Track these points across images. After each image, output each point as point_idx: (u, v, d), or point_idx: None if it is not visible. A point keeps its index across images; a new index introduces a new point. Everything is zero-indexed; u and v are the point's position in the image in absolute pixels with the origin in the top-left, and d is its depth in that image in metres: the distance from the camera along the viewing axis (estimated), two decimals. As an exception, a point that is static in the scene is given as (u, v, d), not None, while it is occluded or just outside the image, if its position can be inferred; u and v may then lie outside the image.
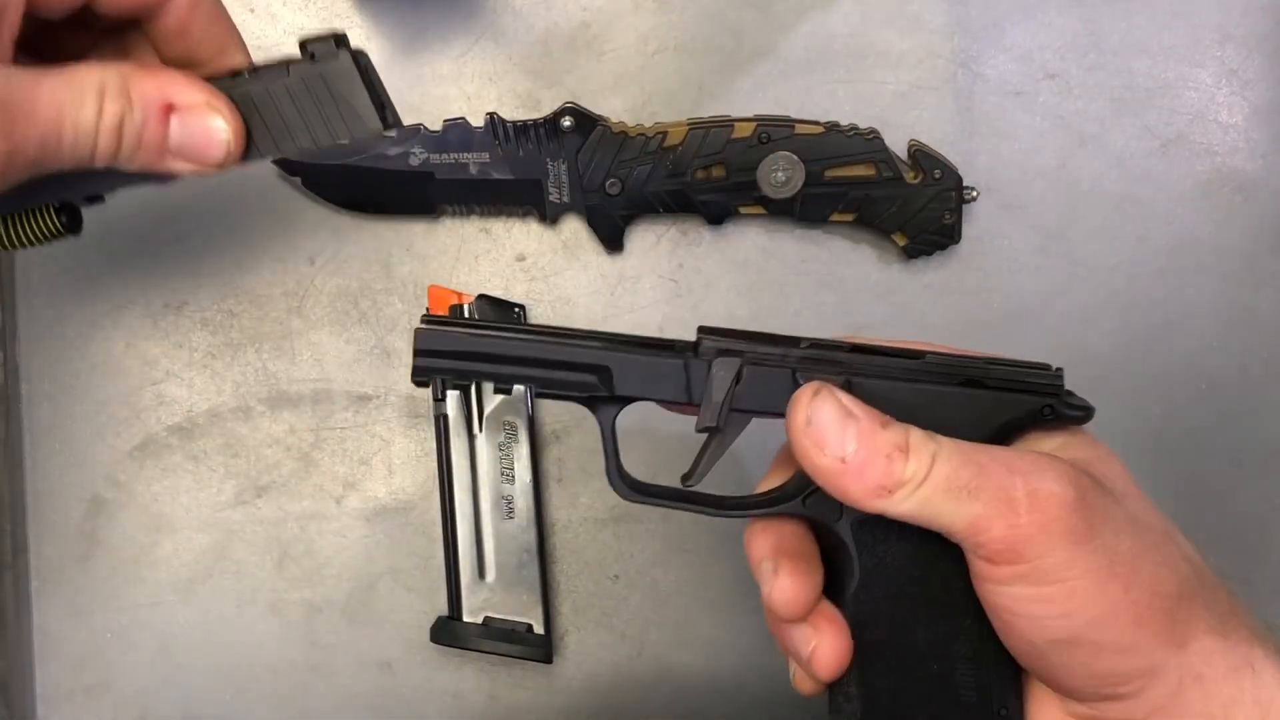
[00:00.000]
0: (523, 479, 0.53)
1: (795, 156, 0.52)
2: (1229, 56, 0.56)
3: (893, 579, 0.39)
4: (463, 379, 0.47)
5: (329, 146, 0.39)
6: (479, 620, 0.53)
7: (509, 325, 0.41)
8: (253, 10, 0.54)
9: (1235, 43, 0.56)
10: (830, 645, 0.39)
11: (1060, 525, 0.34)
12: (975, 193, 0.53)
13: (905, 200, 0.53)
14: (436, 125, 0.53)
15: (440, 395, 0.53)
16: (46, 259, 0.53)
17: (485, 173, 0.53)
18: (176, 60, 0.40)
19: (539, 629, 0.53)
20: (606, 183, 0.53)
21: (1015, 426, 0.39)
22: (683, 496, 0.40)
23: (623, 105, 0.54)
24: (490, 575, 0.53)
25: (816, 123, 0.53)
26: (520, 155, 0.53)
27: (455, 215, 0.54)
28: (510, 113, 0.54)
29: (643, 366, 0.39)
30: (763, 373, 0.38)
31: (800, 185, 0.52)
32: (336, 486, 0.55)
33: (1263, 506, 0.57)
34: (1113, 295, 0.56)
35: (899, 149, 0.53)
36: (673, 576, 0.55)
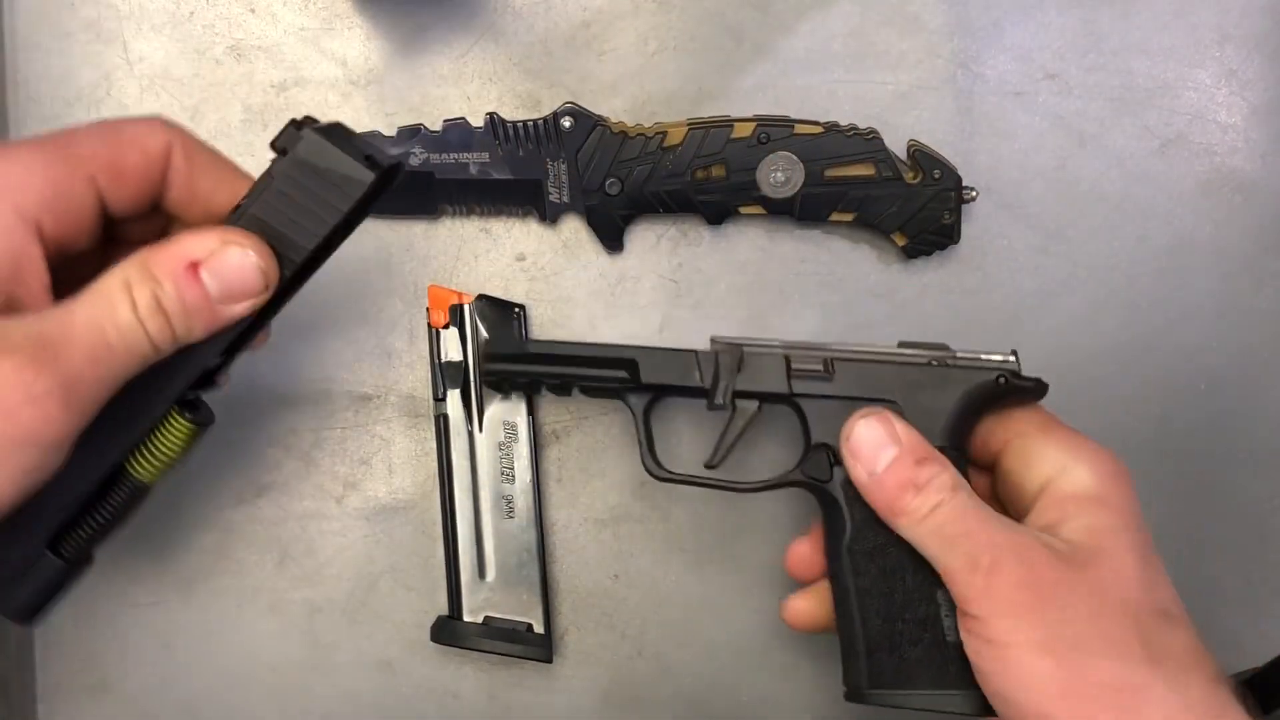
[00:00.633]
0: (523, 479, 0.53)
1: (795, 156, 0.52)
2: (1228, 57, 0.56)
3: (880, 531, 0.45)
4: (522, 378, 0.50)
5: (341, 219, 0.40)
6: (479, 620, 0.53)
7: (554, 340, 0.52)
8: (253, 10, 0.54)
9: (1235, 43, 0.56)
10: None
11: (1006, 597, 0.40)
12: (975, 193, 0.54)
13: (905, 200, 0.53)
14: (436, 125, 0.53)
15: (440, 395, 0.53)
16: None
17: (485, 173, 0.53)
18: (203, 219, 0.41)
19: (539, 629, 0.53)
20: (606, 183, 0.53)
21: (978, 396, 0.46)
22: (704, 479, 0.49)
23: (623, 105, 0.55)
24: (490, 575, 0.53)
25: (816, 123, 0.53)
26: (520, 155, 0.53)
27: (455, 215, 0.55)
28: (510, 113, 0.54)
29: (662, 358, 0.48)
30: (760, 359, 0.47)
31: (800, 185, 0.52)
32: (337, 486, 0.55)
33: (1263, 506, 0.57)
34: (1113, 295, 0.56)
35: (898, 149, 0.53)
36: (673, 576, 0.55)
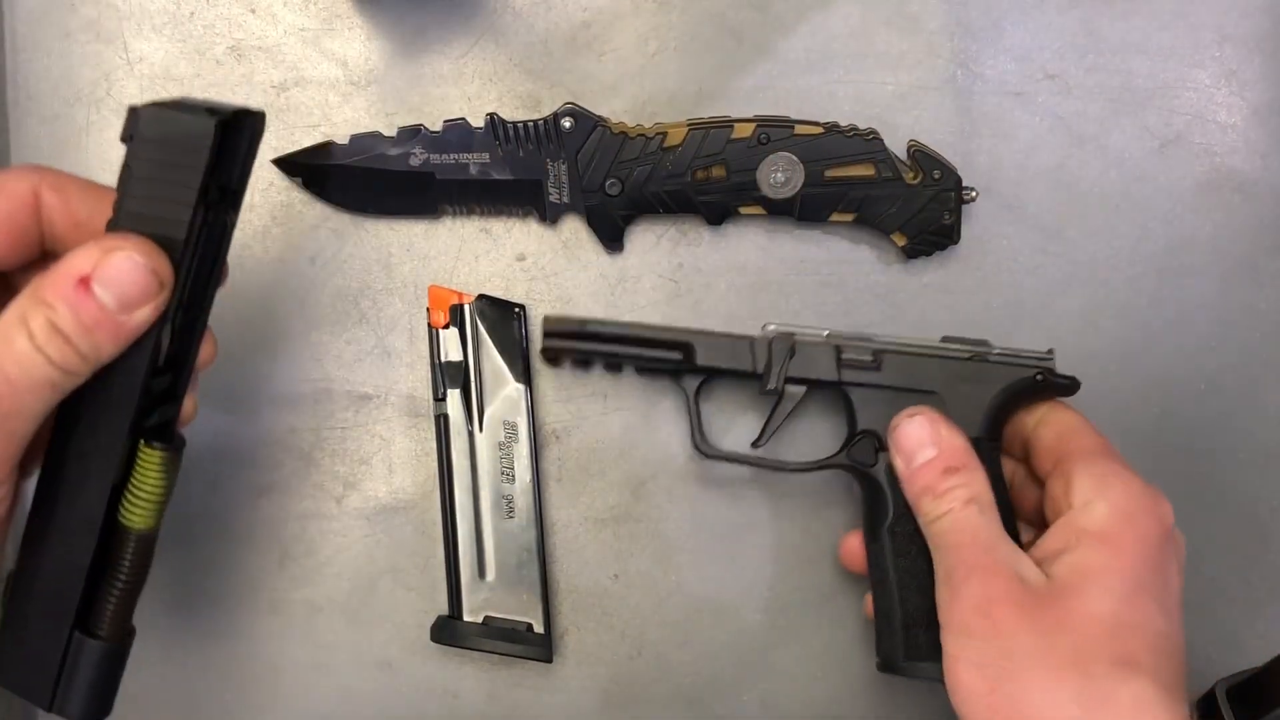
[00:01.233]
0: (523, 478, 0.53)
1: (795, 157, 0.52)
2: (1228, 57, 0.56)
3: None
4: (581, 356, 0.52)
5: (202, 178, 0.38)
6: (479, 619, 0.53)
7: (610, 320, 0.52)
8: (253, 10, 0.54)
9: (1234, 43, 0.56)
10: None
11: (962, 613, 0.44)
12: (974, 193, 0.54)
13: (905, 200, 0.53)
14: (437, 125, 0.53)
15: (441, 395, 0.53)
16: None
17: (485, 173, 0.53)
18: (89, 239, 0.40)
19: (539, 628, 0.53)
20: (606, 183, 0.53)
21: (1016, 391, 0.50)
22: (753, 457, 0.52)
23: (623, 105, 0.55)
24: (490, 574, 0.53)
25: (816, 123, 0.53)
26: (520, 155, 0.53)
27: (455, 215, 0.55)
28: (510, 113, 0.54)
29: (718, 343, 0.51)
30: (811, 348, 0.50)
31: (800, 185, 0.52)
32: (337, 486, 0.55)
33: (1262, 506, 0.57)
34: (1112, 295, 0.56)
35: (898, 149, 0.53)
36: (673, 576, 0.55)
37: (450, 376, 0.53)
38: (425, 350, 0.54)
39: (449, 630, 0.53)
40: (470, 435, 0.53)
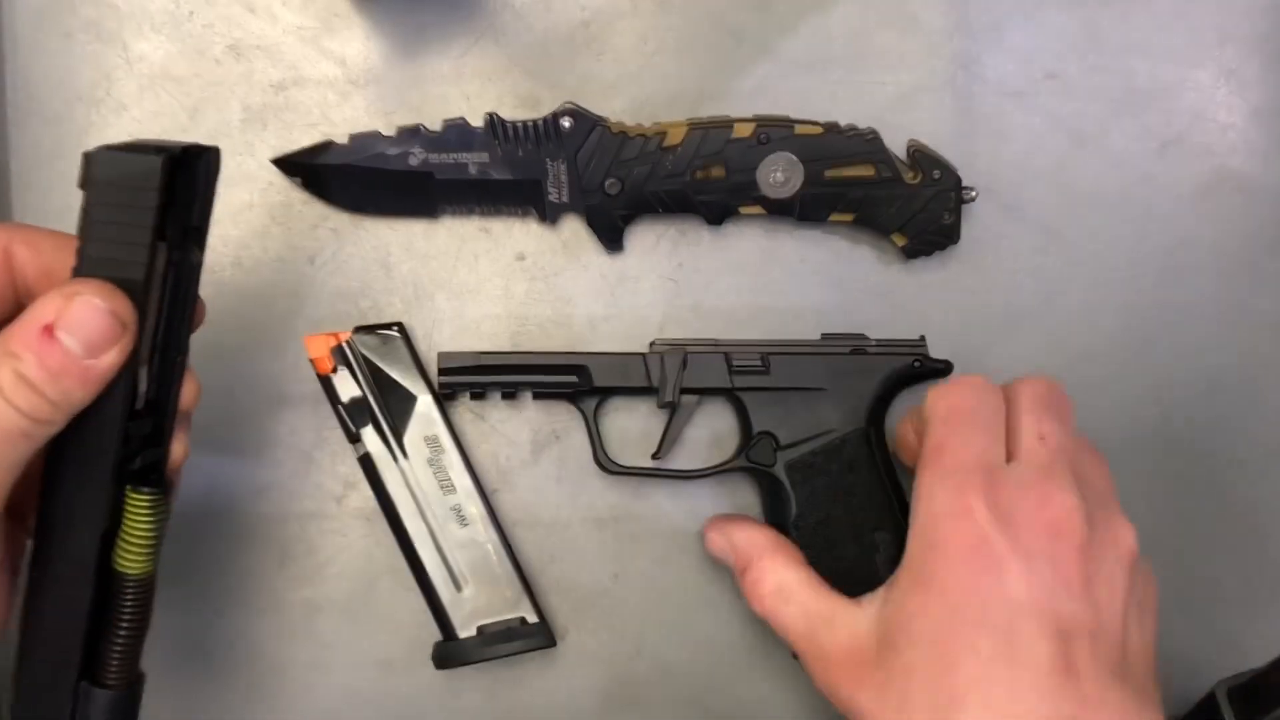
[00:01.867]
0: (464, 485, 0.53)
1: (795, 157, 0.52)
2: (1228, 57, 0.56)
3: (821, 505, 0.51)
4: (477, 389, 0.53)
5: (155, 217, 0.38)
6: (473, 632, 0.53)
7: (505, 351, 0.54)
8: (253, 10, 0.54)
9: (1235, 44, 0.56)
10: None
11: (820, 691, 0.47)
12: (974, 193, 0.54)
13: (905, 200, 0.53)
14: (436, 125, 0.53)
15: (355, 436, 0.52)
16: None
17: (485, 173, 0.53)
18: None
19: (532, 618, 0.53)
20: (606, 183, 0.53)
21: (895, 379, 0.53)
22: (654, 469, 0.54)
23: (623, 105, 0.55)
24: (467, 586, 0.53)
25: (816, 123, 0.53)
26: (520, 155, 0.53)
27: (455, 215, 0.55)
28: (510, 113, 0.54)
29: (612, 362, 0.52)
30: (702, 359, 0.52)
31: (800, 185, 0.52)
32: (337, 486, 0.55)
33: (1262, 507, 0.57)
34: (1112, 295, 0.56)
35: (898, 149, 0.53)
36: (673, 576, 0.55)
37: (356, 416, 0.52)
38: (425, 350, 0.54)
39: (449, 653, 0.53)
40: (398, 464, 0.53)
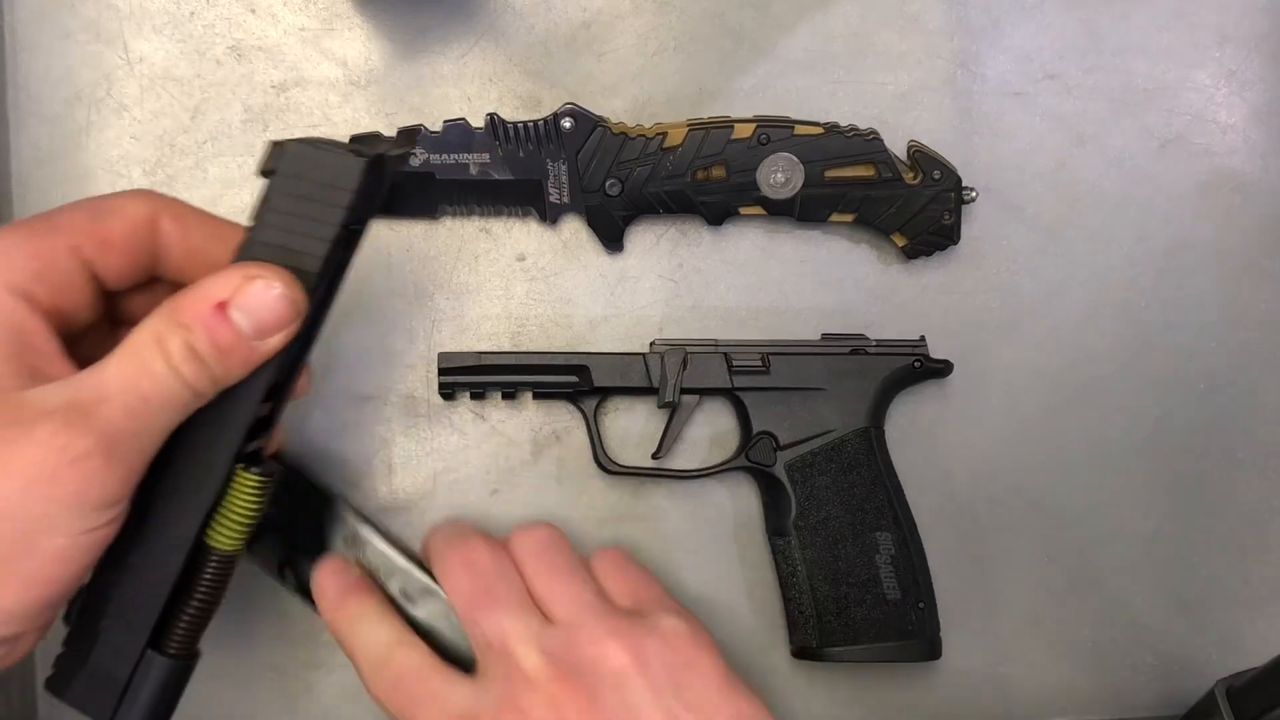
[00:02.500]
0: (395, 564, 0.48)
1: (795, 157, 0.52)
2: (1228, 57, 0.56)
3: (822, 505, 0.52)
4: (477, 389, 0.52)
5: (344, 217, 0.39)
6: None
7: (505, 351, 0.53)
8: (253, 11, 0.54)
9: (1234, 44, 0.56)
10: None
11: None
12: (974, 193, 0.54)
13: (905, 201, 0.53)
14: (437, 126, 0.53)
15: (281, 574, 0.50)
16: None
17: (485, 173, 0.53)
18: (206, 274, 0.40)
19: None
20: (606, 183, 0.53)
21: (895, 379, 0.53)
22: (654, 469, 0.54)
23: (623, 105, 0.55)
24: (448, 659, 0.50)
25: (816, 123, 0.53)
26: (520, 156, 0.53)
27: (455, 215, 0.55)
28: (510, 113, 0.54)
29: (613, 362, 0.52)
30: (702, 359, 0.52)
31: (800, 186, 0.52)
32: (337, 486, 0.55)
33: (1262, 507, 0.57)
34: (1112, 295, 0.56)
35: (898, 149, 0.53)
36: (673, 576, 0.55)
37: (275, 558, 0.50)
38: (425, 350, 0.54)
39: None
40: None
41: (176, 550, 0.40)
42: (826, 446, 0.52)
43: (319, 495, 0.50)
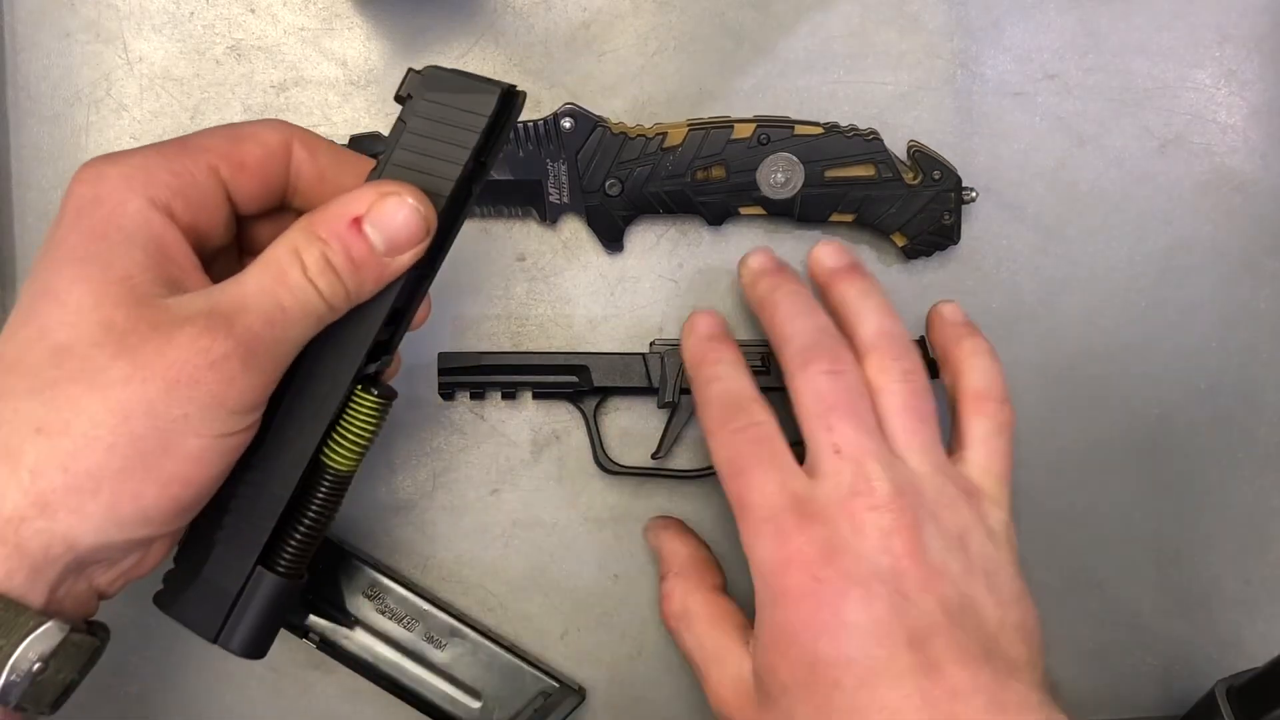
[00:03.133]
0: (420, 610, 0.52)
1: (795, 157, 0.52)
2: (1228, 57, 0.56)
3: None
4: (477, 389, 0.53)
5: (476, 145, 0.40)
6: None
7: (505, 351, 0.53)
8: (253, 10, 0.54)
9: (1234, 43, 0.56)
10: None
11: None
12: (974, 193, 0.54)
13: (904, 201, 0.53)
14: (437, 125, 0.53)
15: (303, 630, 0.51)
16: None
17: (485, 173, 0.53)
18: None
19: (552, 686, 0.52)
20: (606, 183, 0.53)
21: None
22: (654, 469, 0.54)
23: (623, 106, 0.55)
24: (483, 694, 0.52)
25: (816, 123, 0.53)
26: (520, 156, 0.53)
27: (455, 215, 0.55)
28: (510, 113, 0.54)
29: (613, 363, 0.52)
30: None
31: (800, 186, 0.52)
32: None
33: (1261, 507, 0.57)
34: (1112, 295, 0.56)
35: (898, 149, 0.53)
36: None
37: (292, 614, 0.51)
38: (424, 354, 0.54)
39: None
40: (353, 631, 0.52)
41: (294, 466, 0.40)
42: None
43: (335, 550, 0.52)
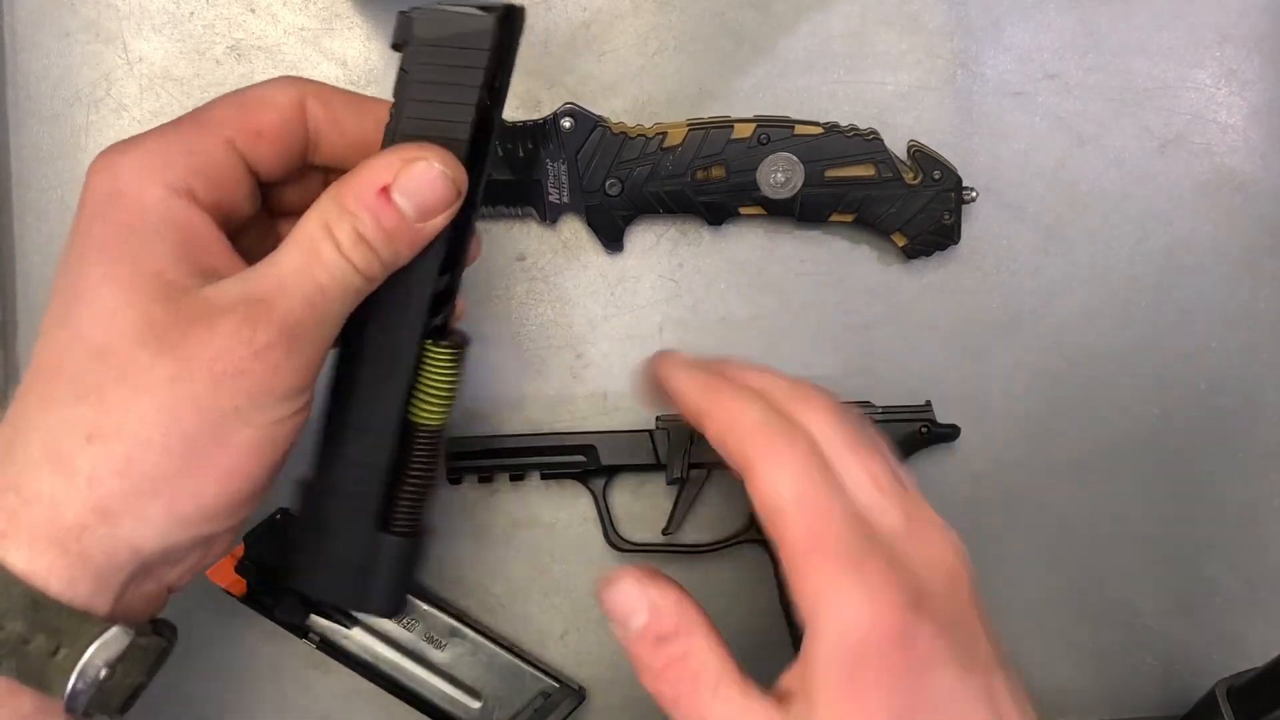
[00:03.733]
0: (418, 608, 0.52)
1: (795, 157, 0.52)
2: (1228, 57, 0.56)
3: None
4: (485, 473, 0.53)
5: (484, 76, 0.39)
6: None
7: (514, 434, 0.54)
8: (253, 10, 0.54)
9: (1234, 43, 0.56)
10: None
11: None
12: (974, 193, 0.54)
13: (905, 201, 0.53)
14: (437, 125, 0.53)
15: (303, 630, 0.52)
16: (47, 255, 0.53)
17: (485, 173, 0.53)
18: (358, 156, 0.40)
19: (553, 686, 0.53)
20: (606, 183, 0.53)
21: (902, 446, 0.52)
22: (665, 544, 0.54)
23: (623, 105, 0.55)
24: (480, 697, 0.52)
25: (816, 123, 0.53)
26: (520, 155, 0.53)
27: (455, 215, 0.54)
28: (510, 113, 0.54)
29: (619, 441, 0.53)
30: None
31: (800, 186, 0.52)
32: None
33: (1261, 507, 0.57)
34: (1112, 295, 0.56)
35: (898, 149, 0.53)
36: (672, 576, 0.55)
37: (293, 611, 0.52)
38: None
39: None
40: (352, 631, 0.52)
41: (384, 433, 0.40)
42: None
43: None
